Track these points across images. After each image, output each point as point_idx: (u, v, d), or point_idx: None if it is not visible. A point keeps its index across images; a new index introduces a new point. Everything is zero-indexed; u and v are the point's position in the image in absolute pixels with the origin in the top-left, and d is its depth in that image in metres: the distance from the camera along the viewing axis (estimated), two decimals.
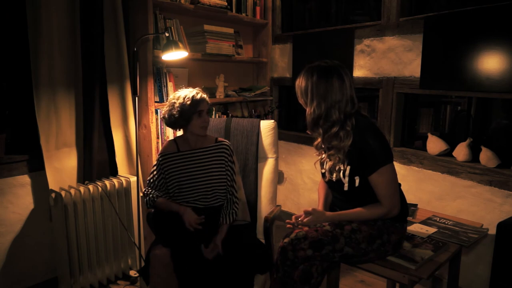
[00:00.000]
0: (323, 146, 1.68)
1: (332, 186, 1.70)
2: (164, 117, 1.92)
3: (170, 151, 1.94)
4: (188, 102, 1.84)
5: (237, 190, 1.92)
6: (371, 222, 1.58)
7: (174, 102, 1.87)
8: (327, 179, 1.68)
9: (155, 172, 1.92)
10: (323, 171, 1.71)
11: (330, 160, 1.62)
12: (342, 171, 1.59)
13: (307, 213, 1.61)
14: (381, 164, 1.51)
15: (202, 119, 1.88)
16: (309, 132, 1.65)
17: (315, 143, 1.72)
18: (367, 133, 1.54)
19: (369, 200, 1.58)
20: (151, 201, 1.88)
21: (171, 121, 1.90)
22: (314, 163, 1.77)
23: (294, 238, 1.51)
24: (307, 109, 1.60)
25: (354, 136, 1.54)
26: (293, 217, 1.65)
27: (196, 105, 1.85)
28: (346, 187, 1.60)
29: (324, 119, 1.56)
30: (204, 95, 1.91)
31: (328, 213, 1.63)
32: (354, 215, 1.59)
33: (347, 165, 1.57)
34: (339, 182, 1.61)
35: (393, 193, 1.55)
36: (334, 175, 1.61)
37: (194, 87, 1.99)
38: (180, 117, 1.87)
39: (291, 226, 1.62)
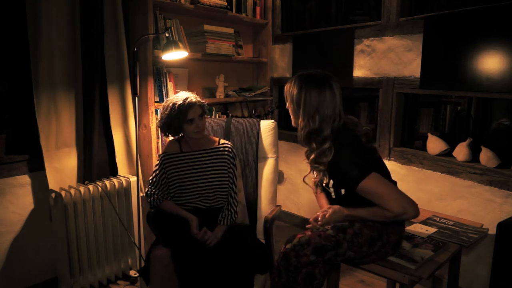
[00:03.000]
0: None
1: (326, 192, 1.72)
2: (157, 127, 1.92)
3: (173, 151, 1.94)
4: (175, 113, 1.81)
5: (237, 193, 1.91)
6: (370, 224, 1.57)
7: (163, 112, 1.85)
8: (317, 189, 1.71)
9: (157, 172, 1.91)
10: (315, 180, 1.73)
11: (315, 173, 1.62)
12: (325, 183, 1.60)
13: (324, 212, 1.56)
14: (357, 182, 1.47)
15: (194, 126, 1.84)
16: (302, 145, 1.64)
17: (306, 151, 1.72)
18: (338, 151, 1.51)
19: (361, 202, 1.55)
20: (156, 202, 1.87)
21: (163, 131, 1.90)
22: (303, 178, 1.78)
23: (297, 244, 1.49)
24: (300, 121, 1.55)
25: (333, 152, 1.53)
26: (311, 219, 1.58)
27: (184, 114, 1.81)
28: (333, 196, 1.62)
29: (316, 133, 1.53)
30: (194, 100, 1.85)
31: (346, 210, 1.56)
32: (371, 213, 1.53)
33: (329, 178, 1.57)
34: (327, 191, 1.64)
35: (390, 201, 1.46)
36: (319, 189, 1.64)
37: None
38: (170, 128, 1.86)
39: (312, 229, 1.55)
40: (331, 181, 1.58)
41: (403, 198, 1.46)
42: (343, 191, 1.58)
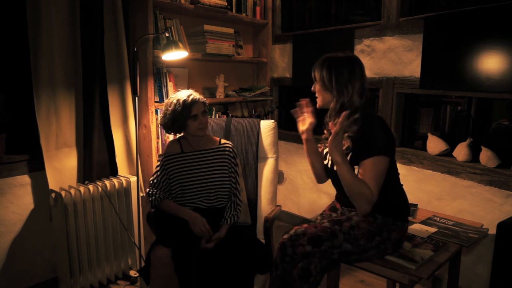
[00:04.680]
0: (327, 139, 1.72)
1: (334, 176, 1.71)
2: (160, 124, 1.92)
3: (174, 151, 1.94)
4: (179, 108, 1.81)
5: (240, 192, 1.91)
6: (371, 219, 1.58)
7: (167, 109, 1.86)
8: (329, 165, 1.69)
9: (158, 173, 1.91)
10: (326, 161, 1.73)
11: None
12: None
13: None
14: (377, 152, 1.51)
15: (198, 122, 1.85)
16: (331, 119, 1.65)
17: (323, 136, 1.76)
18: (374, 121, 1.57)
19: None
20: (157, 202, 1.87)
21: (166, 128, 1.90)
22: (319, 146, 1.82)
23: (293, 235, 1.51)
24: (333, 95, 1.62)
25: (362, 123, 1.56)
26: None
27: (189, 110, 1.82)
28: None
29: (348, 104, 1.60)
30: (198, 97, 1.87)
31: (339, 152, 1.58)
32: (351, 173, 1.52)
33: (349, 152, 1.58)
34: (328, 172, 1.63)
35: (377, 188, 1.50)
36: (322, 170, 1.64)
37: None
38: (174, 124, 1.86)
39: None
40: (349, 156, 1.58)
41: (376, 196, 1.51)
42: (356, 171, 1.58)
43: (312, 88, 1.71)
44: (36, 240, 2.24)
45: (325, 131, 1.76)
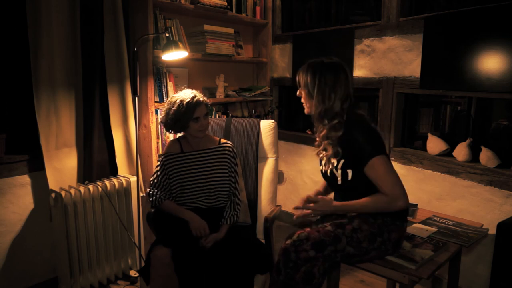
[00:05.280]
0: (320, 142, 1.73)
1: (329, 181, 1.72)
2: (161, 122, 1.92)
3: (174, 151, 1.94)
4: (183, 109, 1.81)
5: (239, 192, 1.91)
6: (371, 220, 1.58)
7: (170, 108, 1.85)
8: (323, 170, 1.70)
9: (159, 173, 1.91)
10: (321, 167, 1.73)
11: (326, 151, 1.64)
12: (335, 164, 1.61)
13: (310, 201, 1.64)
14: (369, 157, 1.52)
15: (199, 124, 1.85)
16: (315, 124, 1.67)
17: (317, 142, 1.74)
18: (354, 127, 1.57)
19: (365, 194, 1.58)
20: (157, 202, 1.87)
21: (167, 127, 1.90)
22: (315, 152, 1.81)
23: (297, 240, 1.51)
24: (314, 102, 1.61)
25: (344, 129, 1.57)
26: (301, 202, 1.66)
27: (192, 111, 1.82)
28: (339, 181, 1.61)
29: (329, 110, 1.60)
30: (202, 98, 1.86)
31: (335, 203, 1.63)
32: (359, 205, 1.58)
33: (340, 158, 1.59)
34: (333, 176, 1.63)
35: (392, 184, 1.52)
36: (330, 166, 1.64)
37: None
38: (176, 123, 1.86)
39: (299, 211, 1.65)
40: (341, 162, 1.59)
41: (402, 187, 1.54)
42: (350, 175, 1.58)
43: (297, 94, 1.69)
44: (36, 240, 2.24)
45: (317, 138, 1.75)
